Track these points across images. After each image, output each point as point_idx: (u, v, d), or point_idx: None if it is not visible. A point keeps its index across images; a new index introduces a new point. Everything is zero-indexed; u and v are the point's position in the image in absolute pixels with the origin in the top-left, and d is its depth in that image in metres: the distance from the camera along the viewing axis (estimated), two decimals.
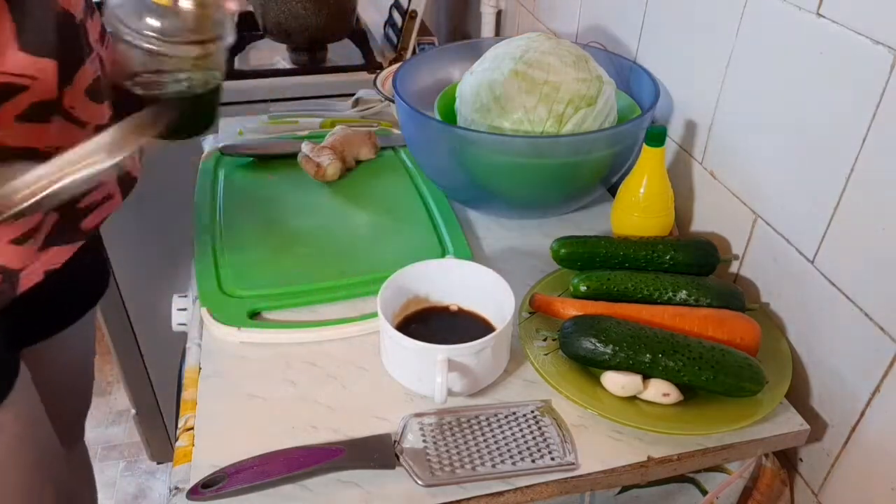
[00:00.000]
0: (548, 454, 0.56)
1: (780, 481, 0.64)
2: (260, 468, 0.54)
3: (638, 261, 0.71)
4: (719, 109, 0.74)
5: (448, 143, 0.77)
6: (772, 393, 0.60)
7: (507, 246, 0.82)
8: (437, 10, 1.85)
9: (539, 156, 0.75)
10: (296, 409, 0.61)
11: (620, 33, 0.95)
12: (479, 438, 0.57)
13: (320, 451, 0.55)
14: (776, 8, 0.63)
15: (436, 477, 0.54)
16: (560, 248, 0.73)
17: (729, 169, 0.74)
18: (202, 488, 0.52)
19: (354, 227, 0.84)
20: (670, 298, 0.67)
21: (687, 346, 0.59)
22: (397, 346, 0.60)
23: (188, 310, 0.75)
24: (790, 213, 0.65)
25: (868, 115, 0.55)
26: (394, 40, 1.37)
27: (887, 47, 0.52)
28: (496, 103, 0.76)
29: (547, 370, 0.61)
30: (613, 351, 0.59)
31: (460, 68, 0.87)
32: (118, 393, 1.93)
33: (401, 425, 0.58)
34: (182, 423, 0.60)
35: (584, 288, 0.68)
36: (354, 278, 0.74)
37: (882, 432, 0.58)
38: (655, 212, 0.74)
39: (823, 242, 0.61)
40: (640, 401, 0.60)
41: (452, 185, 0.84)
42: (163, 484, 1.73)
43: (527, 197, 0.81)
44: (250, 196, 0.88)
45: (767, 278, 0.70)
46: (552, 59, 0.77)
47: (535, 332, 0.66)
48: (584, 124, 0.76)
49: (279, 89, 1.26)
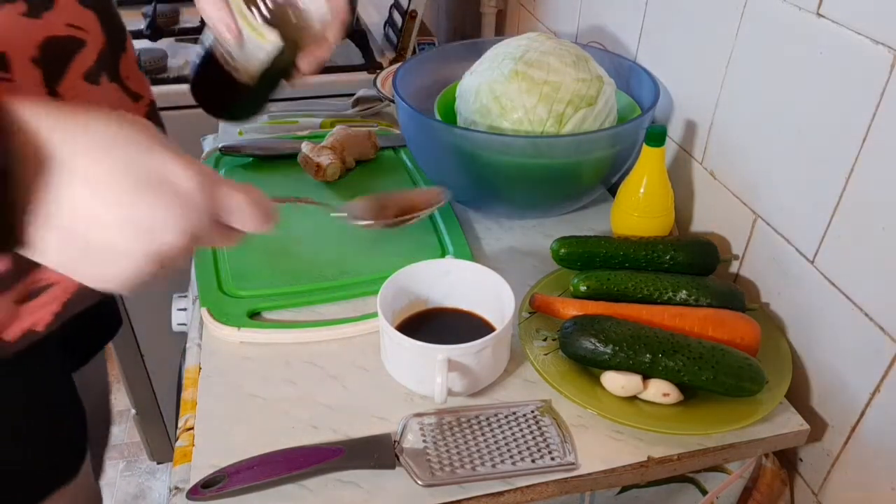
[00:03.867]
0: (548, 454, 0.56)
1: (780, 481, 0.64)
2: (260, 468, 0.54)
3: (638, 261, 0.71)
4: (719, 109, 0.74)
5: (448, 144, 0.77)
6: (772, 393, 0.60)
7: (507, 246, 0.82)
8: (437, 10, 1.85)
9: (539, 156, 0.75)
10: (296, 409, 0.61)
11: (620, 33, 0.95)
12: (479, 438, 0.57)
13: (320, 451, 0.55)
14: (776, 8, 0.63)
15: (436, 477, 0.54)
16: (560, 248, 0.73)
17: (729, 169, 0.74)
18: (202, 488, 0.52)
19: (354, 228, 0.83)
20: (670, 298, 0.67)
21: (687, 346, 0.59)
22: (397, 347, 0.60)
23: (188, 310, 0.75)
24: (790, 213, 0.65)
25: (868, 115, 0.55)
26: (394, 40, 1.37)
27: (887, 47, 0.52)
28: (496, 103, 0.76)
29: (547, 370, 0.61)
30: (613, 351, 0.59)
31: (460, 68, 0.87)
32: (118, 393, 1.93)
33: (401, 425, 0.58)
34: (182, 423, 0.60)
35: (584, 288, 0.68)
36: (354, 278, 0.74)
37: (882, 432, 0.58)
38: (655, 212, 0.74)
39: (823, 242, 0.61)
40: (640, 401, 0.60)
41: (452, 186, 0.84)
42: (163, 484, 1.73)
43: (527, 197, 0.81)
44: None
45: (767, 278, 0.70)
46: (552, 59, 0.77)
47: (535, 332, 0.66)
48: (584, 124, 0.76)
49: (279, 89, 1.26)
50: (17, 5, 0.48)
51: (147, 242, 0.37)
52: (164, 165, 0.38)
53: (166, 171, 0.38)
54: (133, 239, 0.37)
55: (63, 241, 0.36)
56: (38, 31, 0.50)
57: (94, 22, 0.56)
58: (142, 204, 0.37)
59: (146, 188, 0.37)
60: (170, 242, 0.38)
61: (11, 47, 0.48)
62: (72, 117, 0.36)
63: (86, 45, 0.55)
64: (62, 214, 0.36)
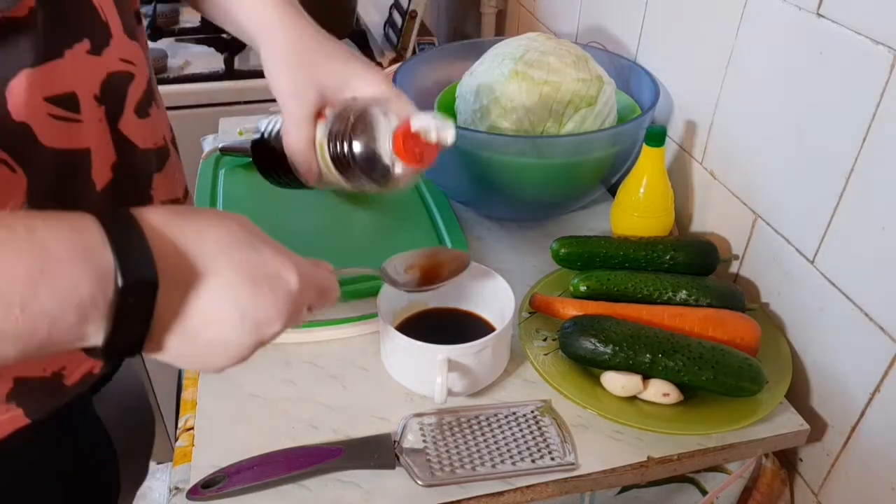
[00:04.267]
0: (548, 454, 0.56)
1: (780, 481, 0.64)
2: (260, 468, 0.54)
3: (638, 261, 0.71)
4: (719, 109, 0.74)
5: None
6: (772, 393, 0.60)
7: (507, 246, 0.82)
8: (437, 10, 1.85)
9: (539, 156, 0.75)
10: (296, 409, 0.61)
11: (620, 33, 0.95)
12: (479, 438, 0.57)
13: (320, 451, 0.55)
14: (776, 8, 0.63)
15: (436, 477, 0.54)
16: (560, 248, 0.73)
17: (729, 169, 0.74)
18: (202, 488, 0.52)
19: (354, 227, 0.84)
20: (670, 298, 0.67)
21: (687, 346, 0.59)
22: (397, 347, 0.60)
23: None
24: (790, 213, 0.65)
25: (868, 115, 0.55)
26: (394, 40, 1.37)
27: (887, 47, 0.52)
28: (496, 103, 0.76)
29: (547, 370, 0.61)
30: (613, 351, 0.59)
31: (460, 68, 0.87)
32: None
33: (401, 425, 0.58)
34: (182, 423, 0.60)
35: (584, 288, 0.68)
36: (355, 278, 0.74)
37: (882, 432, 0.58)
38: (655, 212, 0.74)
39: (823, 242, 0.61)
40: (640, 401, 0.60)
41: (452, 185, 0.84)
42: (163, 484, 1.73)
43: (527, 197, 0.81)
44: (250, 196, 0.88)
45: (767, 278, 0.70)
46: (552, 59, 0.77)
47: (535, 332, 0.66)
48: (584, 124, 0.76)
49: None
50: (83, 43, 0.47)
51: (258, 335, 0.40)
52: (272, 262, 0.41)
53: (274, 267, 0.41)
54: (248, 333, 0.40)
55: (185, 342, 0.38)
56: (101, 69, 0.49)
57: (140, 53, 0.55)
58: (259, 301, 0.39)
59: (262, 286, 0.40)
60: (275, 331, 0.41)
61: (80, 87, 0.46)
62: (188, 223, 0.38)
63: (135, 78, 0.53)
64: (191, 319, 0.37)
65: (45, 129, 0.43)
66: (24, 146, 0.42)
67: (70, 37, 0.45)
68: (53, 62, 0.43)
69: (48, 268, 0.32)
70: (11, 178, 0.42)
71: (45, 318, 0.32)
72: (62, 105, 0.44)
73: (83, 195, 0.48)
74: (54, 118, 0.44)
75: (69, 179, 0.46)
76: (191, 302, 0.37)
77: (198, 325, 0.38)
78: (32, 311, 0.31)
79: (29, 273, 0.31)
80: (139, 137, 0.53)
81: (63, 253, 0.32)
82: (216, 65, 1.33)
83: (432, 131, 0.50)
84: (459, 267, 0.59)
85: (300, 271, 0.42)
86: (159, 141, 0.57)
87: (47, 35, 0.42)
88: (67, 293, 0.32)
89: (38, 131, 0.42)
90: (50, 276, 0.32)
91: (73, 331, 0.33)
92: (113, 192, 0.50)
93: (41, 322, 0.32)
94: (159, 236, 0.36)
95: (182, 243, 0.37)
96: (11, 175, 0.42)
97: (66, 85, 0.45)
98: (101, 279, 0.33)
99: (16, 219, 0.33)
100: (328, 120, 0.54)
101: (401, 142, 0.51)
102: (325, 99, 0.55)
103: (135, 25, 0.55)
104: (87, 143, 0.47)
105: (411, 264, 0.60)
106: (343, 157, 0.53)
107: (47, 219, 0.33)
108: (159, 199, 0.56)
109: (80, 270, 0.33)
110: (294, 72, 0.54)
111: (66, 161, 0.45)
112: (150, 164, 0.55)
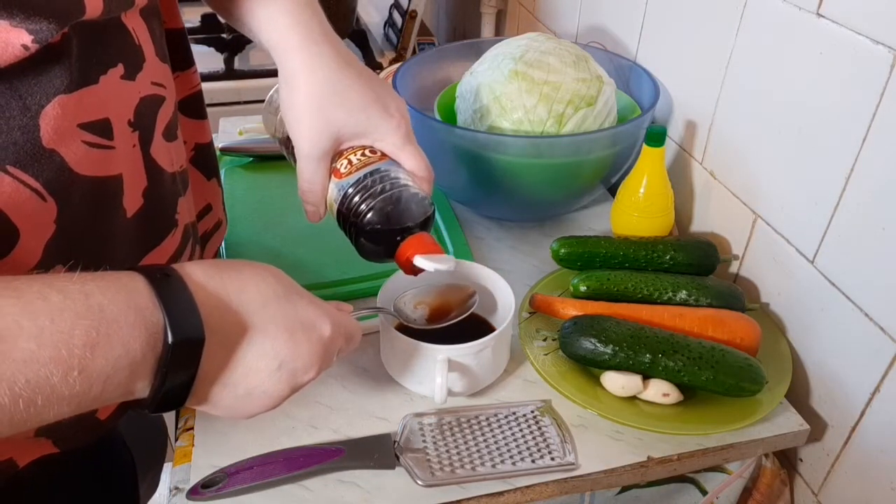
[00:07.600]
0: (548, 454, 0.56)
1: (780, 481, 0.64)
2: (260, 468, 0.54)
3: (638, 261, 0.71)
4: (719, 109, 0.74)
5: (448, 143, 0.77)
6: (772, 393, 0.60)
7: (507, 246, 0.82)
8: (437, 10, 1.85)
9: (539, 156, 0.75)
10: (296, 409, 0.61)
11: (620, 33, 0.95)
12: (479, 438, 0.57)
13: (320, 451, 0.55)
14: (776, 8, 0.63)
15: (436, 477, 0.54)
16: (560, 248, 0.73)
17: (729, 169, 0.74)
18: (202, 488, 0.52)
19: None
20: (670, 298, 0.67)
21: (687, 346, 0.59)
22: (397, 347, 0.60)
23: None
24: (790, 213, 0.65)
25: (868, 115, 0.55)
26: (394, 40, 1.37)
27: (887, 47, 0.52)
28: (496, 103, 0.76)
29: (547, 370, 0.61)
30: (613, 351, 0.59)
31: (460, 68, 0.87)
32: None
33: (401, 425, 0.58)
34: (182, 423, 0.60)
35: (584, 288, 0.68)
36: (355, 278, 0.74)
37: (882, 432, 0.58)
38: (655, 212, 0.74)
39: (823, 242, 0.61)
40: (640, 401, 0.60)
41: (452, 186, 0.84)
42: (163, 484, 1.73)
43: (527, 197, 0.81)
44: (250, 196, 0.88)
45: (767, 278, 0.70)
46: (552, 59, 0.77)
47: (535, 332, 0.66)
48: (584, 124, 0.76)
49: None
50: (117, 68, 0.45)
51: (294, 382, 0.43)
52: (306, 313, 0.43)
53: (309, 318, 0.43)
54: (285, 381, 0.42)
55: (226, 392, 0.40)
56: (135, 94, 0.48)
57: (170, 75, 0.53)
58: (296, 351, 0.42)
59: (298, 336, 0.42)
60: (310, 378, 0.44)
61: (114, 113, 0.45)
62: (229, 279, 0.40)
63: (165, 101, 0.51)
64: (233, 371, 0.39)
65: (77, 156, 0.42)
66: (56, 174, 0.41)
67: (105, 62, 0.44)
68: (88, 88, 0.42)
69: (104, 330, 0.33)
70: (41, 206, 0.41)
71: (100, 378, 0.33)
72: (96, 131, 0.43)
73: (114, 223, 0.47)
74: (88, 145, 0.43)
75: (100, 208, 0.46)
76: (234, 354, 0.39)
77: (239, 376, 0.40)
78: (89, 372, 0.33)
79: (87, 337, 0.33)
80: (167, 161, 0.52)
81: (119, 315, 0.34)
82: (216, 65, 1.33)
83: (431, 268, 0.53)
84: (466, 308, 0.60)
85: (332, 320, 0.44)
86: (183, 163, 0.56)
87: (82, 61, 0.42)
88: (122, 353, 0.34)
89: (71, 159, 0.42)
90: (105, 338, 0.33)
91: (123, 387, 0.35)
92: (143, 219, 0.49)
93: (96, 382, 0.33)
94: (204, 292, 0.38)
95: (225, 298, 0.39)
96: (42, 204, 0.41)
97: (101, 111, 0.44)
98: (151, 337, 0.35)
99: (68, 282, 0.34)
100: (343, 180, 0.55)
101: (402, 260, 0.54)
102: (340, 142, 0.56)
103: (165, 47, 0.53)
104: (120, 170, 0.46)
105: (420, 301, 0.61)
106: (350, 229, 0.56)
107: (98, 281, 0.35)
108: (183, 222, 0.55)
109: (135, 332, 0.34)
110: (311, 116, 0.54)
111: (98, 189, 0.45)
112: (176, 187, 0.54)
